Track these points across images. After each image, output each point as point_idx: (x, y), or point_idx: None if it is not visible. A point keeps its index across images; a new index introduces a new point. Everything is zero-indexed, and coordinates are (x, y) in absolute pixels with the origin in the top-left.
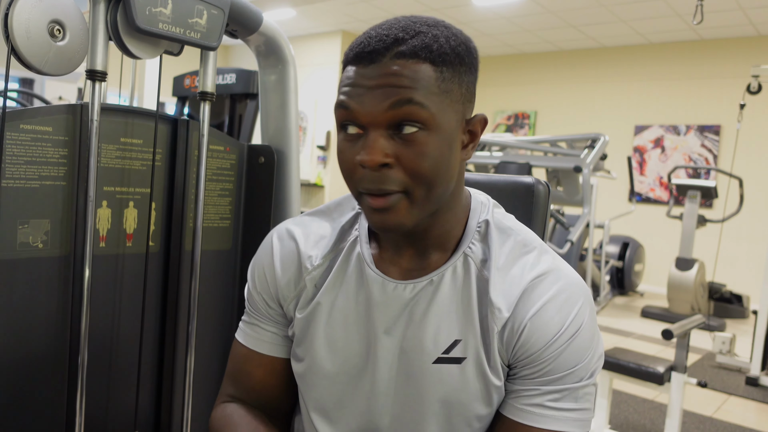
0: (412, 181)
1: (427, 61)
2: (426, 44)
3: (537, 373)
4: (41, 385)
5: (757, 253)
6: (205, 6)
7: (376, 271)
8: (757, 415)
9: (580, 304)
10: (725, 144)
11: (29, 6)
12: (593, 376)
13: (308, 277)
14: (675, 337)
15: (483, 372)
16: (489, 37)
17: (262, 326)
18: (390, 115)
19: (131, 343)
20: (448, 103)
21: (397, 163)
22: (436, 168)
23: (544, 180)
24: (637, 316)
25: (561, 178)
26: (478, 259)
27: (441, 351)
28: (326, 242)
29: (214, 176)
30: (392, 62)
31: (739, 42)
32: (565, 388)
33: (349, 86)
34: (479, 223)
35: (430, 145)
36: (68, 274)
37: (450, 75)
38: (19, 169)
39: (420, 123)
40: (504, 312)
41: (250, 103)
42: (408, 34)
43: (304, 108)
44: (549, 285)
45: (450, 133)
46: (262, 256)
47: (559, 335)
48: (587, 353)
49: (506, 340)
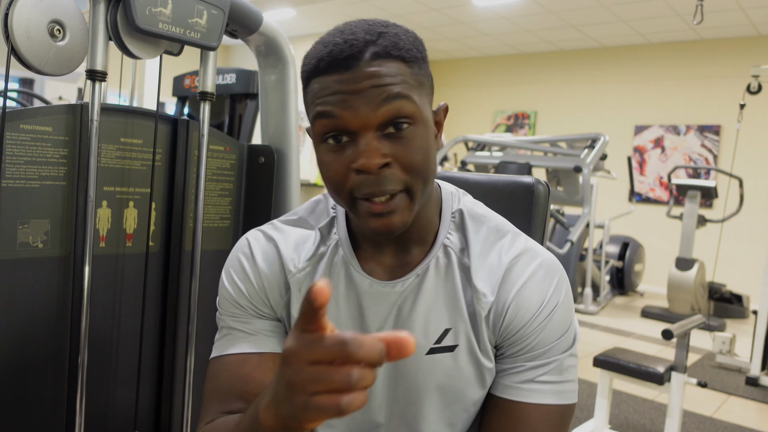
0: (410, 177)
1: (398, 58)
2: (394, 42)
3: (523, 350)
4: (41, 384)
5: (757, 253)
6: (205, 6)
7: (363, 274)
8: (757, 415)
9: (557, 280)
10: (725, 144)
11: (29, 6)
12: (573, 346)
13: (293, 279)
14: (675, 337)
15: (475, 356)
16: (489, 37)
17: (251, 326)
18: (381, 114)
19: (131, 343)
20: (424, 95)
21: (394, 161)
22: (428, 160)
23: (544, 180)
24: (637, 316)
25: (561, 178)
26: (457, 248)
27: (433, 341)
28: (307, 247)
29: (214, 176)
30: (369, 64)
31: (739, 42)
32: (550, 361)
33: (328, 95)
34: (453, 213)
35: (420, 138)
36: (68, 274)
37: (418, 69)
38: (19, 169)
39: (409, 118)
40: (489, 296)
41: (250, 103)
42: (373, 36)
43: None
44: (525, 264)
45: (430, 124)
46: (241, 258)
47: (540, 310)
48: (566, 325)
49: (493, 321)
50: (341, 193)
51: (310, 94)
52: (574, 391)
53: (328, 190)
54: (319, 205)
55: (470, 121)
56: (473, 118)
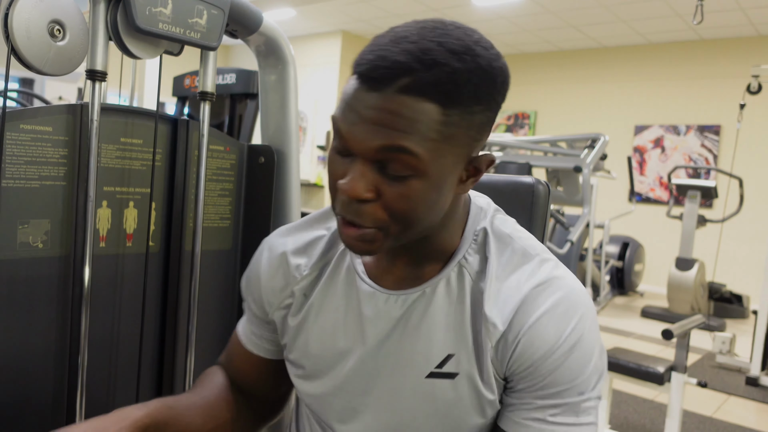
0: (390, 219)
1: (435, 101)
2: (437, 81)
3: (534, 387)
4: (41, 385)
5: (757, 253)
6: (205, 6)
7: (367, 282)
8: (757, 415)
9: (579, 315)
10: (725, 144)
11: (29, 6)
12: (595, 388)
13: (297, 287)
14: (675, 337)
15: (476, 387)
16: (489, 37)
17: (251, 326)
18: (379, 154)
19: (131, 343)
20: (448, 149)
21: (378, 198)
22: (418, 212)
23: (544, 180)
24: (637, 316)
25: (561, 178)
26: (473, 271)
27: (434, 365)
28: (317, 251)
29: (214, 176)
30: (394, 97)
31: (739, 42)
32: (564, 402)
33: (347, 105)
34: (476, 232)
35: (417, 190)
36: (68, 274)
37: (458, 118)
38: (19, 169)
39: (410, 170)
40: (499, 326)
41: (250, 103)
42: (423, 65)
43: (304, 108)
44: (547, 295)
45: (443, 177)
46: (252, 267)
47: (557, 348)
48: (587, 366)
49: (501, 354)
50: (331, 197)
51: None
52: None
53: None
54: None
55: None
56: None
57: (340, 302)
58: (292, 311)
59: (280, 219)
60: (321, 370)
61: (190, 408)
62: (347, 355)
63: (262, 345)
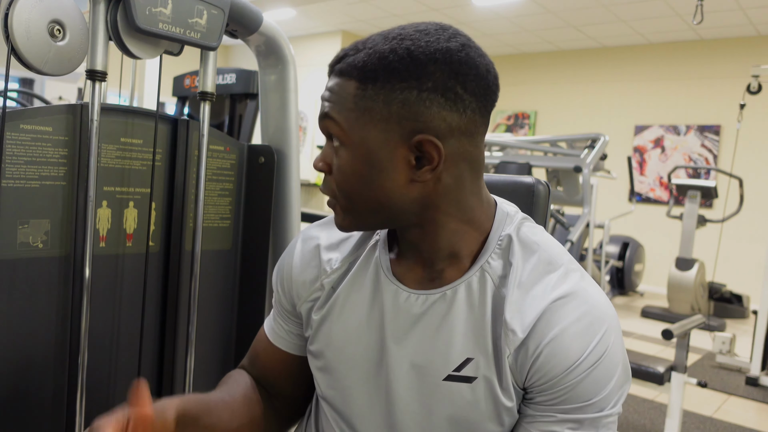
0: (337, 190)
1: (353, 78)
2: (356, 62)
3: (554, 400)
4: (41, 385)
5: (757, 253)
6: (205, 6)
7: (391, 278)
8: (757, 415)
9: (603, 331)
10: (725, 144)
11: (29, 6)
12: (617, 405)
13: (326, 279)
14: (675, 337)
15: (494, 393)
16: (489, 37)
17: (279, 321)
18: (322, 127)
19: (131, 343)
20: (369, 122)
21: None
22: (352, 183)
23: (544, 180)
24: (637, 316)
25: (561, 178)
26: (496, 276)
27: (452, 368)
28: (348, 244)
29: (214, 176)
30: (333, 77)
31: (739, 42)
32: (584, 418)
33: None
34: (501, 237)
35: (344, 159)
36: (68, 274)
37: (373, 92)
38: (19, 169)
39: (336, 137)
40: (519, 334)
41: (250, 103)
42: (355, 50)
43: (304, 108)
44: (572, 309)
45: (370, 151)
46: (285, 257)
47: (579, 363)
48: (609, 383)
49: (520, 362)
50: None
51: None
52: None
53: None
54: None
55: None
56: None
57: (365, 296)
58: (318, 305)
59: (280, 219)
60: (341, 362)
61: (219, 404)
62: (368, 349)
63: (290, 340)
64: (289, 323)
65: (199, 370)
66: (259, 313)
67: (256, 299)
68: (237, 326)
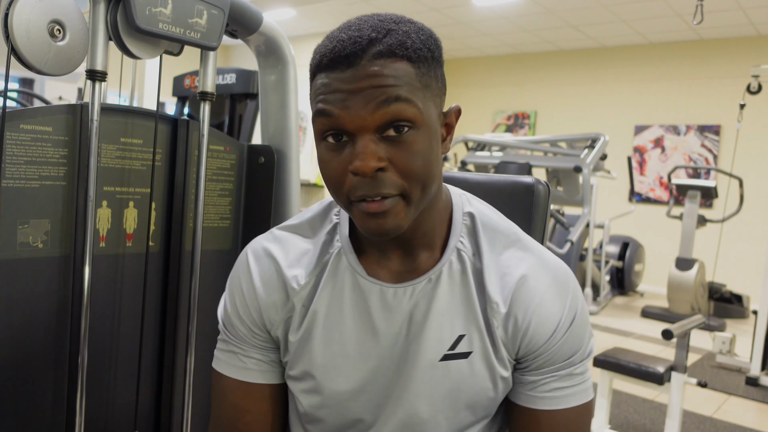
0: (407, 182)
1: (404, 58)
2: (400, 41)
3: (548, 362)
4: (41, 384)
5: (757, 253)
6: (205, 6)
7: (371, 279)
8: (757, 415)
9: (571, 290)
10: (725, 144)
11: (29, 6)
12: (592, 348)
13: (296, 297)
14: (675, 337)
15: (490, 363)
16: (489, 37)
17: (245, 354)
18: (378, 116)
19: (131, 343)
20: (430, 98)
21: (391, 165)
22: (429, 166)
23: (544, 180)
24: (637, 316)
25: (561, 178)
26: (470, 252)
27: (447, 348)
28: (309, 258)
29: (214, 176)
30: (371, 63)
31: (739, 42)
32: (573, 367)
33: (329, 93)
34: (464, 216)
35: (420, 143)
36: (68, 274)
37: (426, 69)
38: (19, 169)
39: (409, 122)
40: (501, 307)
41: (250, 103)
42: (380, 33)
43: (304, 108)
44: (541, 278)
45: (434, 128)
46: (240, 279)
47: (561, 324)
48: (586, 333)
49: (511, 333)
50: (339, 193)
51: (313, 89)
52: (591, 386)
53: (327, 188)
54: (324, 209)
55: (470, 121)
56: (473, 118)
57: (347, 305)
58: (293, 326)
59: (279, 219)
60: (331, 378)
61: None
62: (359, 358)
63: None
64: (258, 352)
65: (199, 370)
66: None
67: None
68: None
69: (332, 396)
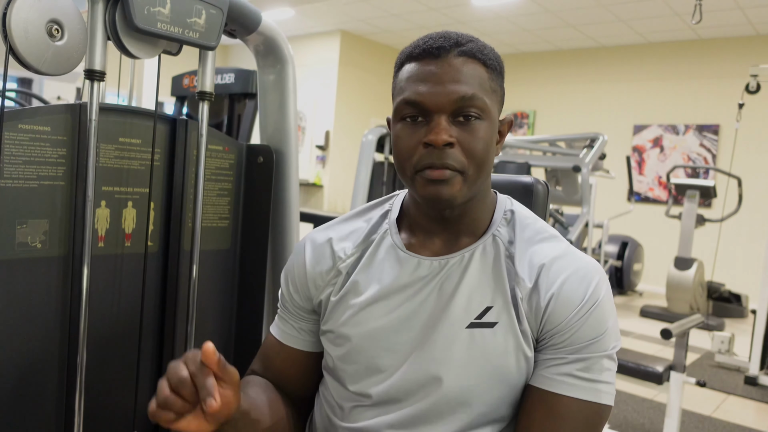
0: (468, 161)
1: (481, 62)
2: (479, 48)
3: (564, 342)
4: (40, 385)
5: (756, 252)
6: (204, 5)
7: (409, 254)
8: (756, 414)
9: (596, 280)
10: (724, 143)
11: (27, 5)
12: (614, 350)
13: (342, 265)
14: (674, 337)
15: (516, 337)
16: (488, 37)
17: (289, 321)
18: (454, 102)
19: (130, 343)
20: (495, 100)
21: (458, 144)
22: (487, 151)
23: (543, 179)
24: (636, 316)
25: (560, 178)
26: (505, 239)
27: (474, 317)
28: (358, 235)
29: (212, 176)
30: (456, 58)
31: (738, 42)
32: (589, 357)
33: (418, 79)
34: (506, 212)
35: (484, 131)
36: (67, 274)
37: (495, 77)
38: (17, 169)
39: (477, 111)
40: (527, 282)
41: (248, 103)
42: (464, 40)
43: (303, 108)
44: (568, 263)
45: (495, 126)
46: (295, 258)
47: (582, 305)
48: (607, 324)
49: (535, 309)
50: (407, 164)
51: (400, 76)
52: (611, 394)
53: (396, 164)
54: (380, 201)
55: None
56: None
57: (384, 270)
58: (334, 290)
59: (278, 219)
60: (359, 325)
61: (257, 402)
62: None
63: (303, 338)
64: (300, 321)
65: None
66: (257, 313)
67: (255, 299)
68: (236, 326)
69: (358, 344)
